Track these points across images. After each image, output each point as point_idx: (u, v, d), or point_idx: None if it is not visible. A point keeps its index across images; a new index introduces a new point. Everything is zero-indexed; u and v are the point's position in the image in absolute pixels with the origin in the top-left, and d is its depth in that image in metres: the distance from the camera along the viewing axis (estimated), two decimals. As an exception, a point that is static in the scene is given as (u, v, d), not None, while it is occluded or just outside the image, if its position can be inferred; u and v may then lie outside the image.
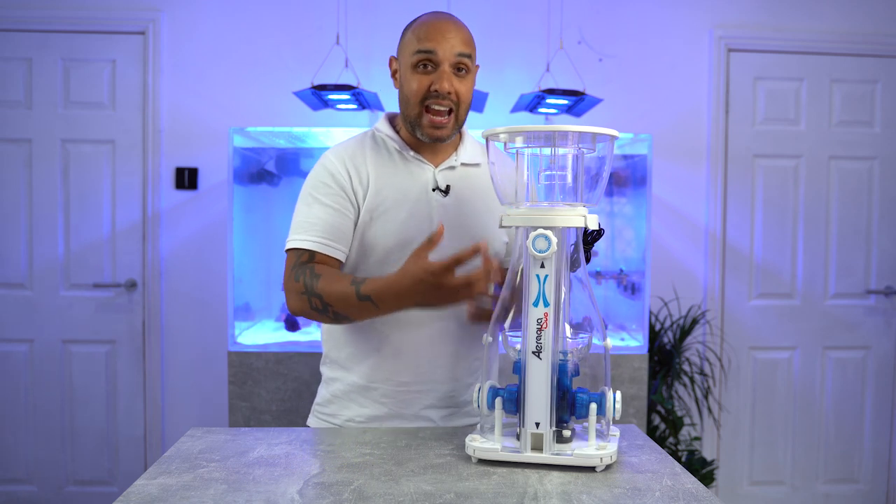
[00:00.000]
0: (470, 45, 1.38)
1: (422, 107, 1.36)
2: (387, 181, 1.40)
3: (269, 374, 2.50)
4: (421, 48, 1.34)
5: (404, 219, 1.38)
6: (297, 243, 1.37)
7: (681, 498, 1.04)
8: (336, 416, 1.48)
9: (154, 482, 1.08)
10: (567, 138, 1.19)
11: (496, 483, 1.09)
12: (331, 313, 1.31)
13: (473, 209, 1.44)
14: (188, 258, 2.94)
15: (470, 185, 1.45)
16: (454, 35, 1.35)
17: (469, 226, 1.43)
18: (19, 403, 2.93)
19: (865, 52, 3.05)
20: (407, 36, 1.39)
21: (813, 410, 3.12)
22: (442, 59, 1.34)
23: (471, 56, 1.37)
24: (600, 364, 1.23)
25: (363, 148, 1.43)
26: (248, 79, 2.92)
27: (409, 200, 1.39)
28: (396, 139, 1.43)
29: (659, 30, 3.01)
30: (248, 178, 2.77)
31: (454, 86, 1.35)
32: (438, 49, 1.34)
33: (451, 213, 1.41)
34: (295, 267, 1.35)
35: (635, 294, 2.74)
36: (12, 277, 2.91)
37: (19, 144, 2.89)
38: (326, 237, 1.36)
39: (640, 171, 2.70)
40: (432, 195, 1.41)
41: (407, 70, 1.37)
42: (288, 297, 1.36)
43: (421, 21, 1.39)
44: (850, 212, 3.08)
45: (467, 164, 1.46)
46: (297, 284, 1.32)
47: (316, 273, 1.31)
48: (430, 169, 1.43)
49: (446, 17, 1.38)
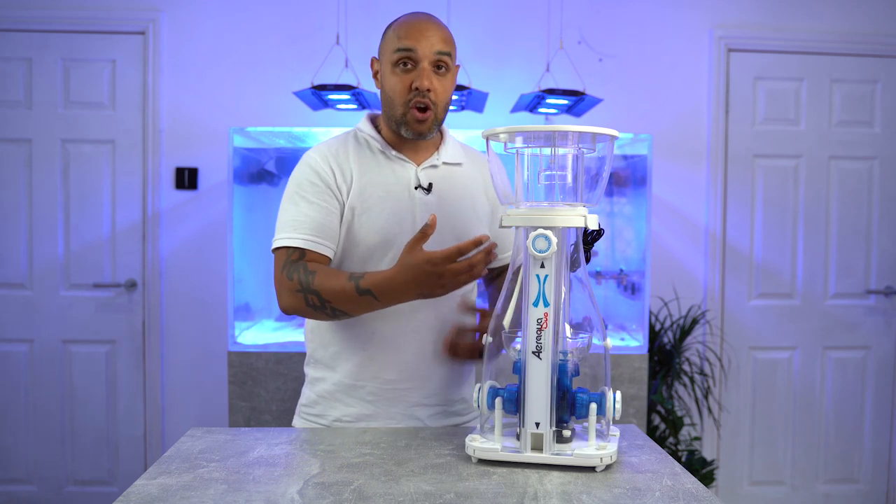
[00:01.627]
0: (449, 44, 1.39)
1: (407, 106, 1.38)
2: (370, 179, 1.41)
3: (269, 374, 2.50)
4: (401, 46, 1.36)
5: (387, 216, 1.40)
6: (285, 241, 1.37)
7: (681, 498, 1.04)
8: (323, 416, 1.48)
9: (154, 482, 1.08)
10: (567, 138, 1.19)
11: (496, 483, 1.09)
12: (329, 309, 1.32)
13: (456, 207, 1.45)
14: (188, 258, 2.94)
15: (452, 184, 1.47)
16: (433, 33, 1.37)
17: (452, 223, 1.44)
18: (19, 403, 2.93)
19: (865, 52, 3.05)
20: (388, 35, 1.41)
21: (813, 410, 3.12)
22: (422, 57, 1.36)
23: (450, 54, 1.39)
24: (600, 364, 1.23)
25: (346, 146, 1.45)
26: (248, 79, 2.92)
27: (391, 198, 1.41)
28: (378, 139, 1.45)
29: (659, 30, 3.01)
30: (248, 178, 2.77)
31: (433, 83, 1.37)
32: (418, 47, 1.35)
33: (433, 210, 1.42)
34: (286, 265, 1.35)
35: (635, 294, 2.74)
36: (12, 277, 2.91)
37: (19, 144, 2.89)
38: (315, 234, 1.37)
39: (640, 171, 2.70)
40: (415, 193, 1.42)
41: (387, 69, 1.39)
42: (280, 295, 1.36)
43: (401, 21, 1.41)
44: (850, 212, 3.08)
45: (449, 164, 1.48)
46: (290, 283, 1.33)
47: (310, 270, 1.32)
48: (412, 167, 1.44)
49: (426, 17, 1.40)
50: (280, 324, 2.84)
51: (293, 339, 2.60)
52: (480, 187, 1.52)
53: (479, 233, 1.45)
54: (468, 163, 1.52)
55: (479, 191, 1.51)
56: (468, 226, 1.46)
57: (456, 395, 1.51)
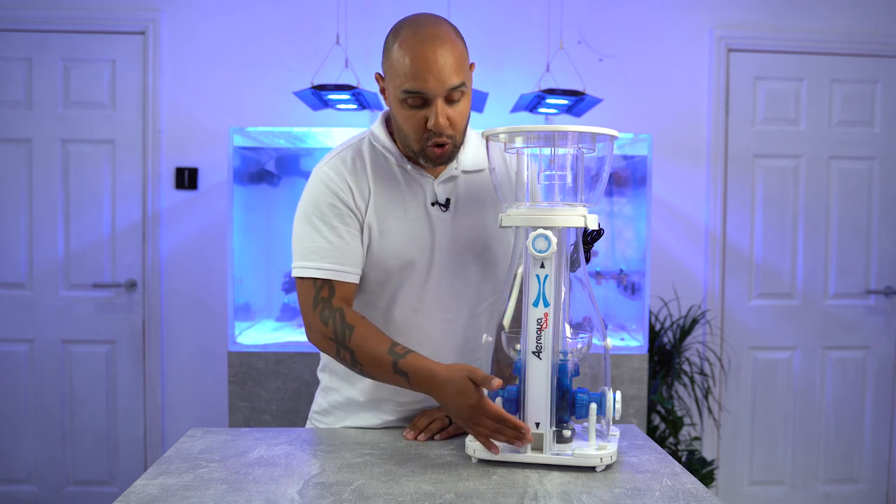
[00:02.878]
0: (462, 70, 1.24)
1: (424, 143, 1.27)
2: (387, 195, 1.34)
3: (269, 374, 2.50)
4: (408, 88, 1.22)
5: (405, 239, 1.33)
6: (312, 272, 1.30)
7: (681, 498, 1.04)
8: (336, 425, 1.46)
9: (154, 482, 1.08)
10: (567, 138, 1.19)
11: (496, 483, 1.09)
12: (358, 369, 1.29)
13: (477, 220, 1.37)
14: (188, 258, 2.94)
15: (472, 194, 1.38)
16: (443, 66, 1.21)
17: (471, 240, 1.37)
18: (19, 403, 2.93)
19: (865, 52, 3.05)
20: (393, 56, 1.25)
21: (813, 410, 3.12)
22: (433, 97, 1.23)
23: (464, 83, 1.25)
24: (600, 364, 1.23)
25: (361, 158, 1.35)
26: (248, 79, 2.92)
27: (408, 217, 1.34)
28: (394, 151, 1.35)
29: (659, 30, 3.01)
30: (248, 178, 2.77)
31: (449, 117, 1.25)
32: (428, 88, 1.22)
33: (451, 226, 1.36)
34: (318, 302, 1.29)
35: (635, 294, 2.74)
36: (12, 277, 2.91)
37: (19, 144, 2.89)
38: (341, 263, 1.30)
39: (640, 171, 2.70)
40: (432, 210, 1.35)
41: (395, 101, 1.27)
42: (311, 331, 1.31)
43: (406, 44, 1.23)
44: (850, 212, 3.08)
45: (469, 171, 1.38)
46: (325, 328, 1.28)
47: (348, 323, 1.27)
48: (429, 181, 1.35)
49: (432, 41, 1.22)
50: (280, 324, 2.84)
51: (293, 339, 2.60)
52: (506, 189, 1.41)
53: (502, 247, 1.39)
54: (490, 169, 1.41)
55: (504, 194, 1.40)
56: (490, 240, 1.38)
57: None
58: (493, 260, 1.39)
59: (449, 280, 1.36)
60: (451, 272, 1.36)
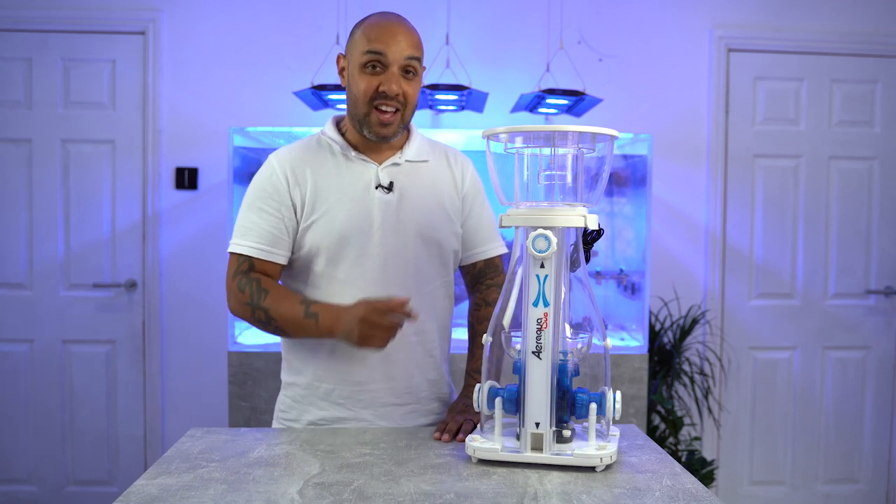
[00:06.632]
0: (418, 49, 1.40)
1: (370, 106, 1.38)
2: (327, 182, 1.42)
3: (269, 374, 2.50)
4: (371, 49, 1.36)
5: (344, 217, 1.40)
6: (236, 248, 1.42)
7: (681, 498, 1.04)
8: (297, 420, 1.48)
9: (154, 482, 1.08)
10: (567, 138, 1.19)
11: (496, 483, 1.09)
12: (273, 326, 1.39)
13: (419, 205, 1.45)
14: (188, 258, 2.94)
15: (416, 182, 1.46)
16: (404, 38, 1.37)
17: (415, 221, 1.44)
18: (19, 403, 2.93)
19: (865, 52, 3.05)
20: (356, 34, 1.40)
21: (813, 410, 3.12)
22: (391, 62, 1.36)
23: (419, 59, 1.40)
24: (600, 364, 1.23)
25: (306, 152, 1.46)
26: (248, 79, 2.92)
27: (349, 198, 1.42)
28: (340, 141, 1.45)
29: (659, 30, 3.01)
30: (248, 178, 2.75)
31: (402, 87, 1.38)
32: (388, 51, 1.36)
33: (394, 208, 1.43)
34: (237, 273, 1.41)
35: (635, 294, 2.74)
36: (12, 277, 2.91)
37: (19, 144, 2.89)
38: (264, 243, 1.41)
39: (640, 171, 2.70)
40: (374, 192, 1.42)
41: (356, 69, 1.39)
42: (230, 299, 1.42)
43: (371, 21, 1.40)
44: (850, 212, 3.08)
45: (413, 161, 1.47)
46: (241, 295, 1.39)
47: (263, 288, 1.38)
48: (373, 167, 1.44)
49: (396, 19, 1.40)
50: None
51: (293, 339, 2.60)
52: (450, 184, 1.51)
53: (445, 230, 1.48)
54: (435, 159, 1.52)
55: (447, 187, 1.50)
56: (433, 223, 1.46)
57: (428, 393, 1.50)
58: (436, 242, 1.47)
59: (392, 258, 1.42)
60: (393, 251, 1.43)
